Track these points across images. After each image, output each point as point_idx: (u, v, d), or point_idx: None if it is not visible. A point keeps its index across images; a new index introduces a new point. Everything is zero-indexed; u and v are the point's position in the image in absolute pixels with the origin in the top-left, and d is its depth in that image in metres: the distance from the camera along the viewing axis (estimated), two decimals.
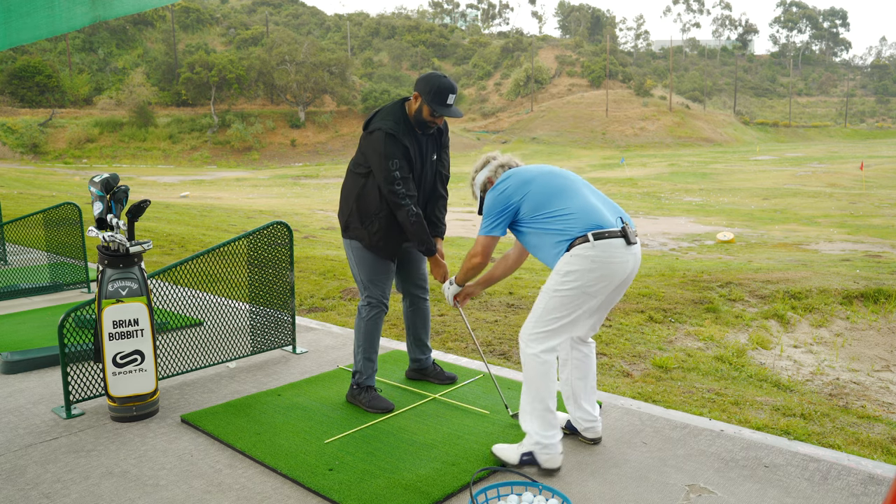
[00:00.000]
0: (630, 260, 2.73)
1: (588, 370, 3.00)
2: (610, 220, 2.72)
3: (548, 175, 2.87)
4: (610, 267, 2.67)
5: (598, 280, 2.68)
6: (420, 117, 3.28)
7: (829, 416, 3.97)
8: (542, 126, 67.31)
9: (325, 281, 7.69)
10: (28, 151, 47.69)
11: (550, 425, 2.74)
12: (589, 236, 2.65)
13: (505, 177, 2.93)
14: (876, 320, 6.88)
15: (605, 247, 2.66)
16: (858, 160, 35.45)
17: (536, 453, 2.75)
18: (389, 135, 3.22)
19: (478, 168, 3.15)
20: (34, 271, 6.87)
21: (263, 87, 62.54)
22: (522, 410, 2.80)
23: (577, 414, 3.04)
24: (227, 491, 2.71)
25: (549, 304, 2.73)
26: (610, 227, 2.69)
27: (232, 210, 20.00)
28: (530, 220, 2.83)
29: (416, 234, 3.32)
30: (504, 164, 3.08)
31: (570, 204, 2.75)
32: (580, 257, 2.66)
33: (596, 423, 3.05)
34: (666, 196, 26.53)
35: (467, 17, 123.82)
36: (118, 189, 3.52)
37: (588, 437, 3.07)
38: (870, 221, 17.93)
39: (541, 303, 2.77)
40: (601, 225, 2.68)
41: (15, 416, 3.49)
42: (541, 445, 2.74)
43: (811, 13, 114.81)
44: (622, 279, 2.76)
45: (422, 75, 3.30)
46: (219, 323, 4.29)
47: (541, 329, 2.74)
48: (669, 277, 8.07)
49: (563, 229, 2.72)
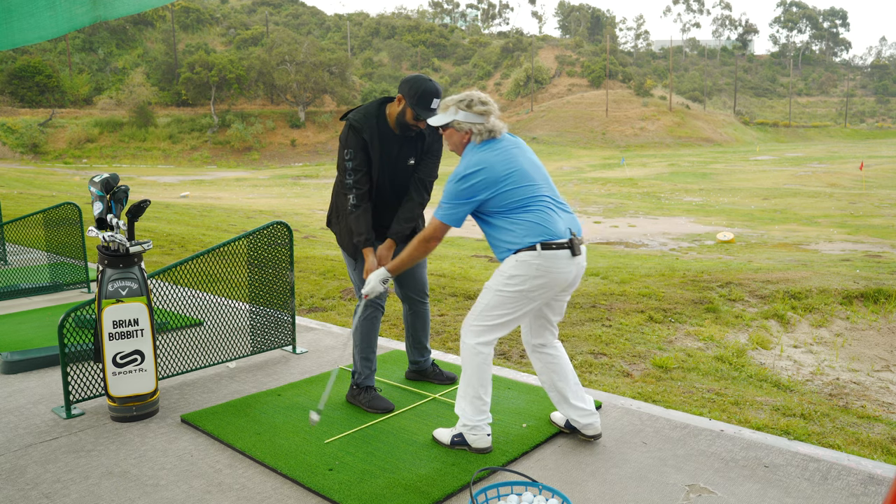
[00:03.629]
0: (573, 270, 2.86)
1: (565, 370, 3.05)
2: (561, 232, 2.83)
3: (519, 175, 2.87)
4: (552, 275, 2.81)
5: (539, 287, 2.82)
6: (402, 119, 3.27)
7: (829, 416, 3.97)
8: (542, 126, 67.29)
9: (324, 281, 7.69)
10: (28, 151, 47.70)
11: (480, 410, 2.94)
12: (537, 247, 2.78)
13: (477, 167, 2.84)
14: (876, 320, 6.88)
15: (551, 257, 2.79)
16: (858, 160, 35.46)
17: (465, 434, 2.97)
18: (352, 126, 3.27)
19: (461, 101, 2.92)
20: (34, 271, 6.87)
21: (263, 87, 62.54)
22: (458, 395, 2.98)
23: (573, 413, 3.06)
24: (227, 491, 2.71)
25: (492, 301, 2.87)
26: (559, 239, 2.81)
27: (232, 210, 20.01)
28: (488, 214, 2.91)
29: (354, 226, 3.31)
30: (492, 129, 2.92)
31: (530, 214, 2.83)
32: (525, 263, 2.79)
33: (594, 417, 3.06)
34: (666, 196, 26.53)
35: (467, 17, 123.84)
36: (118, 189, 3.52)
37: (588, 433, 3.08)
38: (870, 221, 17.93)
39: (484, 299, 2.91)
40: (552, 237, 2.80)
41: (15, 416, 3.49)
42: (468, 427, 2.95)
43: (811, 13, 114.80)
44: (564, 287, 2.89)
45: (406, 77, 3.28)
46: (219, 323, 4.29)
47: (481, 323, 2.90)
48: (669, 277, 8.07)
49: (516, 233, 2.82)
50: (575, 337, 5.53)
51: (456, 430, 3.00)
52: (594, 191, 29.23)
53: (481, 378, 2.90)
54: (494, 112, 2.94)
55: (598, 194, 27.53)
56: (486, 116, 2.91)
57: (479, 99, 2.92)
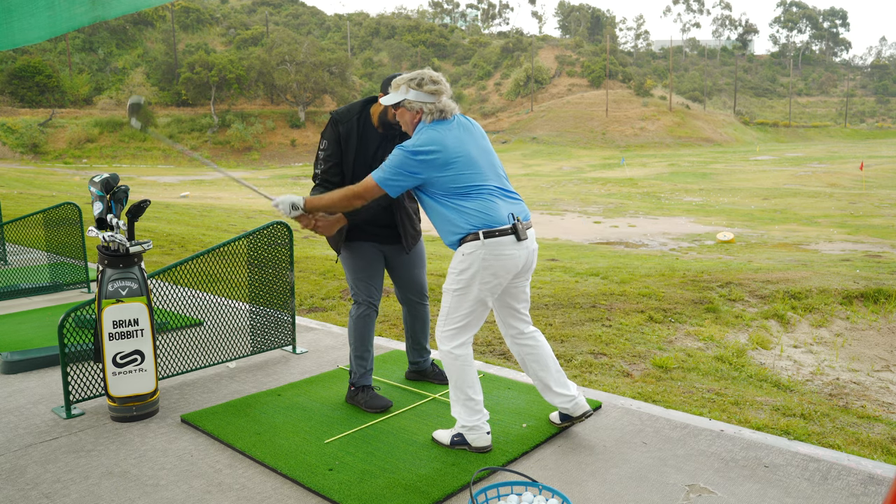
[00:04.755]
0: (522, 254, 2.88)
1: (544, 358, 3.08)
2: (503, 218, 2.84)
3: (464, 162, 2.87)
4: (500, 262, 2.83)
5: (491, 276, 2.85)
6: (385, 118, 3.30)
7: (829, 416, 3.97)
8: (542, 126, 67.30)
9: (324, 281, 7.69)
10: (28, 151, 47.69)
11: (474, 411, 2.96)
12: (480, 234, 2.81)
13: (427, 145, 2.82)
14: (876, 320, 6.88)
15: (494, 245, 2.81)
16: (858, 160, 35.45)
17: (465, 434, 2.99)
18: (331, 119, 3.35)
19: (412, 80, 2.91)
20: (34, 271, 6.87)
21: (263, 87, 62.54)
22: (451, 400, 3.03)
23: (557, 400, 3.10)
24: (227, 491, 2.71)
25: (452, 303, 2.92)
26: (501, 226, 2.83)
27: (232, 210, 20.01)
28: (431, 196, 2.92)
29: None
30: (443, 110, 2.90)
31: (471, 201, 2.84)
32: (471, 256, 2.82)
33: (577, 398, 3.10)
34: (666, 196, 26.53)
35: (467, 17, 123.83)
36: (118, 189, 3.52)
37: (577, 413, 3.10)
38: (870, 221, 17.93)
39: (445, 303, 2.95)
40: (493, 223, 2.82)
41: (15, 416, 3.49)
42: (467, 428, 2.98)
43: (811, 13, 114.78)
44: (515, 272, 2.91)
45: (387, 76, 3.28)
46: (219, 323, 4.29)
47: (450, 327, 2.94)
48: (669, 277, 8.07)
49: (458, 220, 2.85)
50: (575, 337, 5.53)
51: (455, 431, 3.02)
52: (594, 191, 29.23)
53: (466, 380, 2.94)
54: (446, 92, 2.93)
55: (598, 194, 27.54)
56: (437, 96, 2.90)
57: (431, 78, 2.91)
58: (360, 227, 3.44)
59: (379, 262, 3.54)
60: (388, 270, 3.65)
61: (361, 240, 3.47)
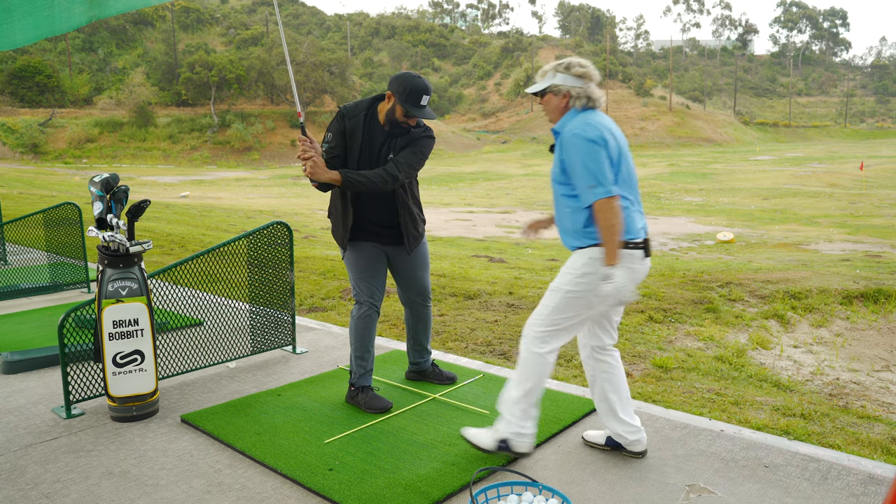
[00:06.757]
0: (643, 271, 2.77)
1: (619, 381, 2.90)
2: (638, 231, 2.72)
3: (627, 160, 2.74)
4: (627, 275, 2.68)
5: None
6: (392, 117, 3.29)
7: (829, 416, 3.97)
8: (542, 126, 67.25)
9: (324, 281, 7.69)
10: (28, 151, 47.67)
11: (530, 416, 2.82)
12: None
13: (600, 132, 2.63)
14: (876, 320, 6.88)
15: (627, 257, 2.67)
16: (858, 160, 35.46)
17: (512, 440, 2.82)
18: (339, 112, 3.36)
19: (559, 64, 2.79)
20: (34, 271, 6.87)
21: (263, 87, 62.51)
22: (510, 400, 2.82)
23: (620, 428, 2.90)
24: (227, 491, 2.70)
25: (560, 303, 2.72)
26: (637, 238, 2.70)
27: (232, 210, 20.01)
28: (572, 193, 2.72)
29: None
30: (591, 96, 2.74)
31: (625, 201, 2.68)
32: (600, 262, 2.64)
33: (641, 434, 2.92)
34: (666, 196, 26.53)
35: (467, 17, 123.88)
36: (118, 189, 3.52)
37: (635, 450, 2.93)
38: (870, 221, 17.93)
39: (551, 301, 2.75)
40: (629, 235, 2.68)
41: (15, 416, 3.49)
42: (518, 434, 2.81)
43: (811, 13, 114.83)
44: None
45: (395, 74, 3.28)
46: (219, 323, 4.29)
47: (548, 328, 2.74)
48: (669, 277, 8.07)
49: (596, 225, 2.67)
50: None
51: (502, 435, 2.83)
52: None
53: (542, 387, 2.79)
54: (595, 78, 2.76)
55: None
56: (586, 80, 2.74)
57: (579, 63, 2.75)
58: (363, 227, 3.44)
59: (382, 263, 3.54)
60: (391, 272, 3.65)
61: (365, 240, 3.47)
